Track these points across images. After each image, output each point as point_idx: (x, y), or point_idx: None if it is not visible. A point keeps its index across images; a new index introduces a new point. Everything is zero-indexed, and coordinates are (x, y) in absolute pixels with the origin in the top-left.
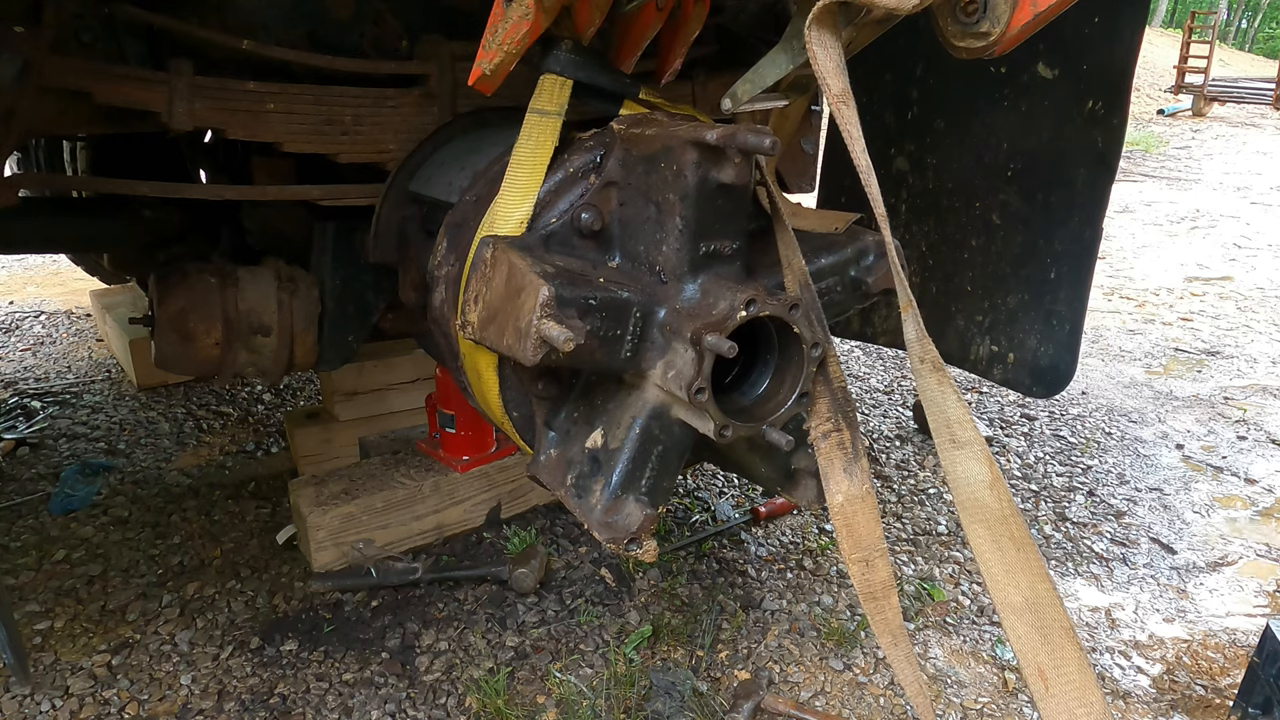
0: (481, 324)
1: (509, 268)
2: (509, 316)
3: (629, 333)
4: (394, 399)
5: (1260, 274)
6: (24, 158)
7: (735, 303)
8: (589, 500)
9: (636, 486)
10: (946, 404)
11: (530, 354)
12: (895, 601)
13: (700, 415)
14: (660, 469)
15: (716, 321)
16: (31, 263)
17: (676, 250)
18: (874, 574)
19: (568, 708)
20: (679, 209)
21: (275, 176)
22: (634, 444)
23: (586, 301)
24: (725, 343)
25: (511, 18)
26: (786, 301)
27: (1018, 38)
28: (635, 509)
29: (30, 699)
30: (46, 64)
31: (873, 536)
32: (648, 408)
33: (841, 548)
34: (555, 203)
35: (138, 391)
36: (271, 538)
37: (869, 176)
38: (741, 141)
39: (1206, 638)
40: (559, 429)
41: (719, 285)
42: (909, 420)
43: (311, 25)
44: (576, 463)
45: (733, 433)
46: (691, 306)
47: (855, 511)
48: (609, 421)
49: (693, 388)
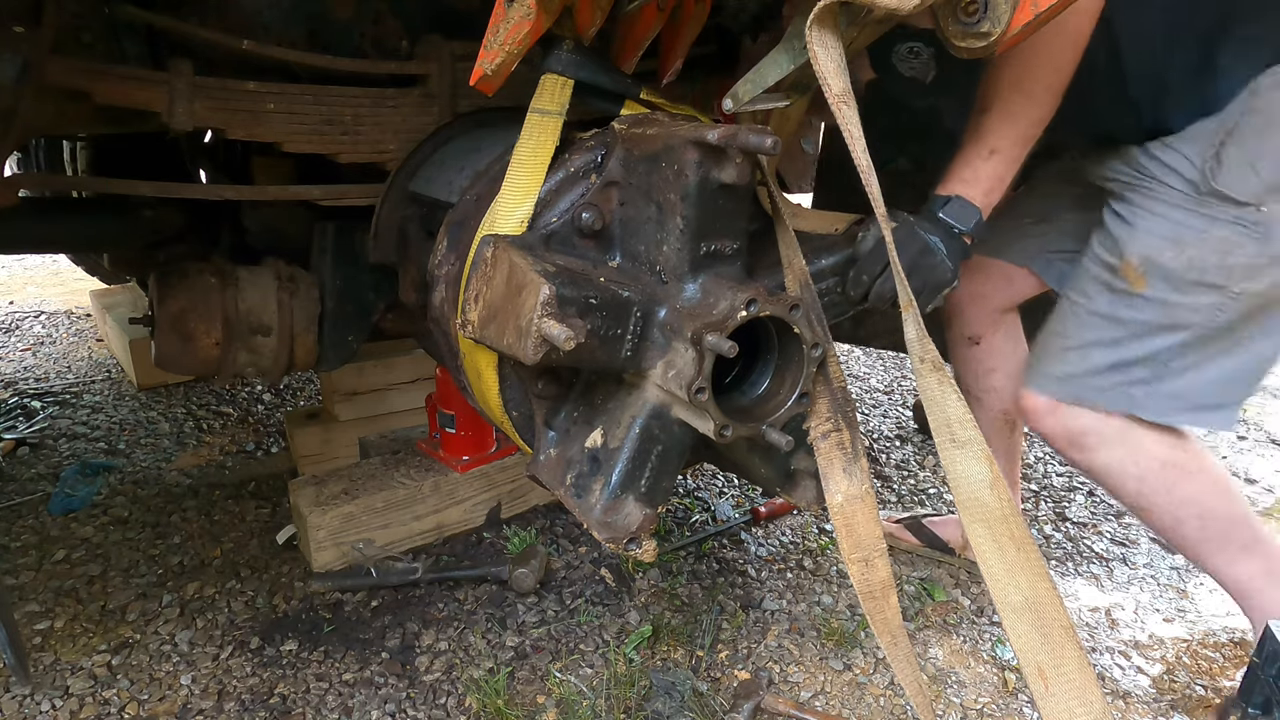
0: (482, 323)
1: (510, 266)
2: (510, 315)
3: (629, 332)
4: (394, 399)
5: None
6: (24, 158)
7: (736, 302)
8: (588, 500)
9: (636, 486)
10: (947, 403)
11: (531, 353)
12: (895, 601)
13: (700, 415)
14: (660, 469)
15: (717, 321)
16: (31, 263)
17: (677, 250)
18: (873, 574)
19: (568, 708)
20: (680, 209)
21: (275, 176)
22: (634, 443)
23: (587, 300)
24: (725, 342)
25: (513, 17)
26: (787, 301)
27: (1019, 38)
28: (635, 509)
29: (30, 699)
30: (46, 64)
31: (872, 536)
32: (648, 407)
33: (841, 547)
34: (556, 202)
35: (138, 391)
36: (271, 538)
37: (870, 176)
38: (743, 141)
39: (1206, 638)
40: (559, 428)
41: (719, 285)
42: (909, 420)
43: (312, 25)
44: (576, 462)
45: (732, 433)
46: (692, 306)
47: (855, 511)
48: (609, 421)
49: (693, 387)
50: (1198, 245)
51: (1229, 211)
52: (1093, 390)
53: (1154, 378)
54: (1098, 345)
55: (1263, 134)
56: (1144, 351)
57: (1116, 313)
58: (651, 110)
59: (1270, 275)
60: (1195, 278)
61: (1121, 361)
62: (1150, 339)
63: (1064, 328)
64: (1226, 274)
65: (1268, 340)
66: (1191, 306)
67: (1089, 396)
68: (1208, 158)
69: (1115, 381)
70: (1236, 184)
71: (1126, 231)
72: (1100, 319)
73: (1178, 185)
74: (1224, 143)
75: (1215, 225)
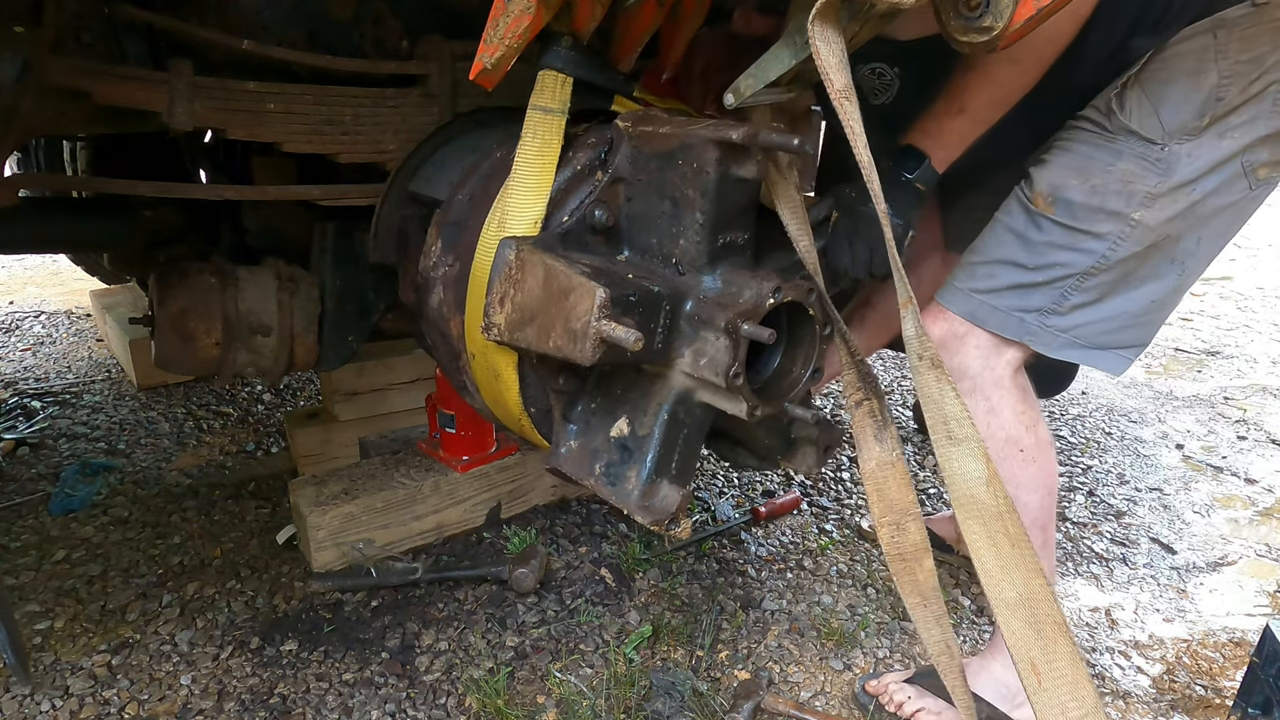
0: (512, 326)
1: (545, 269)
2: (555, 318)
3: (660, 325)
4: (394, 399)
5: (1260, 274)
6: (24, 158)
7: (764, 291)
8: (624, 486)
9: (668, 469)
10: (944, 400)
11: (590, 354)
12: (929, 564)
13: (734, 399)
14: (687, 450)
15: (748, 310)
16: (31, 263)
17: (696, 243)
18: (905, 536)
19: (568, 708)
20: (699, 204)
21: (275, 176)
22: (663, 429)
23: (628, 298)
24: (765, 330)
25: (513, 11)
26: (805, 287)
27: (1021, 33)
28: (671, 491)
29: (30, 699)
30: (46, 64)
31: (905, 500)
32: (673, 394)
33: (873, 511)
34: (566, 201)
35: (138, 391)
36: (271, 538)
37: (870, 172)
38: (766, 140)
39: (1206, 638)
40: (577, 421)
41: (739, 275)
42: (909, 420)
43: (312, 25)
44: (603, 452)
45: (761, 411)
46: (717, 296)
47: (886, 477)
48: (633, 410)
49: (730, 373)
50: (1102, 175)
51: (1135, 147)
52: (989, 310)
53: (1050, 308)
54: (1004, 263)
55: (1166, 84)
56: (1045, 277)
57: (1027, 233)
58: (645, 107)
59: (1167, 207)
60: (1098, 203)
61: (1023, 284)
62: (1052, 264)
63: (981, 243)
64: (1126, 199)
65: (1159, 283)
66: (1093, 233)
67: (984, 315)
68: (1111, 98)
69: (1012, 305)
70: (1142, 124)
71: (1040, 167)
72: (1012, 236)
73: (1088, 127)
74: (1126, 85)
75: (1121, 159)
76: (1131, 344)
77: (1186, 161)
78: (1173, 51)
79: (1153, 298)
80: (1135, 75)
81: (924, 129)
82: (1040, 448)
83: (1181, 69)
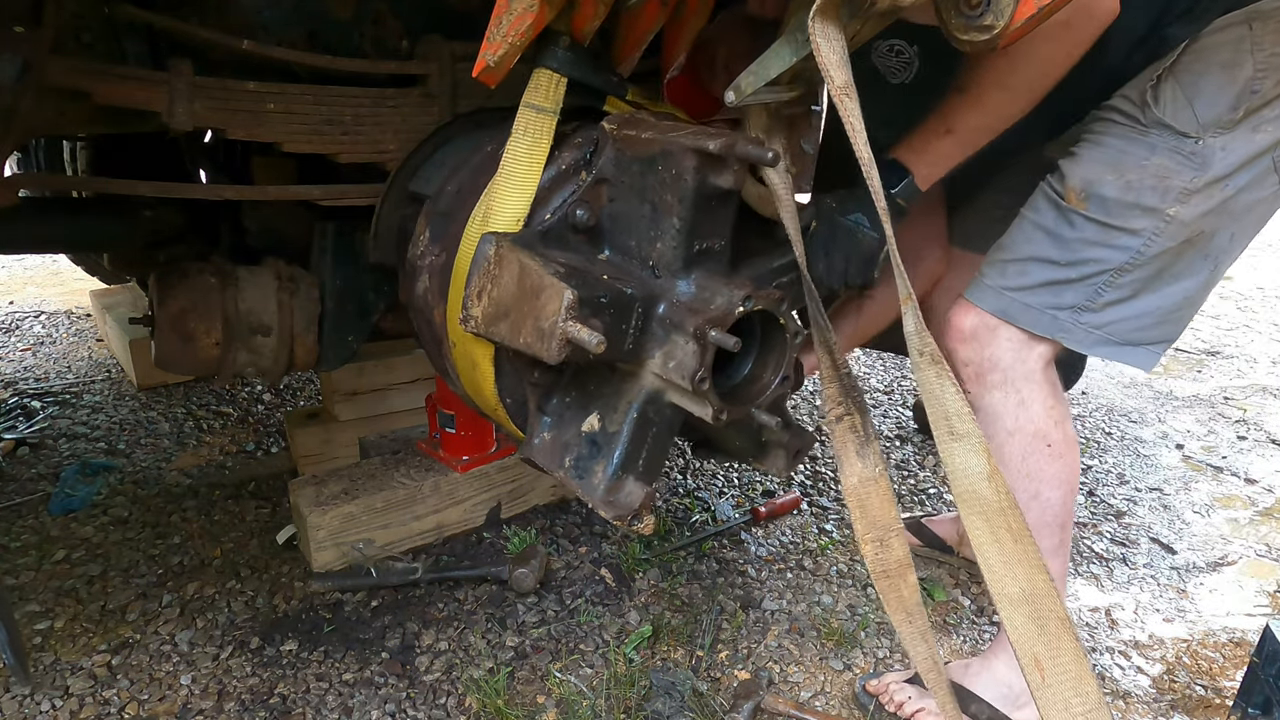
0: (488, 319)
1: (520, 267)
2: (525, 316)
3: (631, 326)
4: (394, 399)
5: (1260, 274)
6: (24, 158)
7: (734, 299)
8: (591, 480)
9: (635, 466)
10: (945, 396)
11: (555, 353)
12: (913, 580)
13: (700, 402)
14: (654, 449)
15: (718, 316)
16: (31, 263)
17: (673, 248)
18: (889, 553)
19: (568, 708)
20: (677, 210)
21: (275, 176)
22: (631, 428)
23: (598, 300)
24: (730, 338)
25: (516, 9)
26: (776, 296)
27: (1021, 31)
28: (635, 487)
29: (30, 699)
30: (46, 64)
31: (888, 517)
32: (643, 394)
33: (856, 529)
34: (549, 199)
35: (138, 391)
36: (271, 538)
37: (871, 170)
38: (742, 152)
39: (1206, 638)
40: (552, 413)
41: (713, 280)
42: (909, 420)
43: (312, 25)
44: (573, 445)
45: (727, 416)
46: (689, 301)
47: (869, 493)
48: (604, 406)
49: (696, 377)
50: (1137, 171)
51: (1169, 141)
52: (1021, 307)
53: (1083, 305)
54: (1036, 260)
55: (1200, 76)
56: (1078, 274)
57: (1059, 230)
58: (636, 109)
59: (1201, 203)
60: (1132, 199)
61: (1056, 280)
62: (1086, 261)
63: (1010, 240)
64: (1162, 195)
65: (1192, 280)
66: (1128, 229)
67: (1016, 312)
68: (1145, 90)
69: (1046, 302)
70: (1176, 117)
71: (1071, 162)
72: (1043, 234)
73: (1120, 120)
74: (1161, 77)
75: (1156, 153)
76: (1162, 340)
77: (1221, 156)
78: (1207, 42)
79: (1185, 294)
80: (1169, 67)
81: (910, 144)
82: (1067, 444)
83: (1216, 61)
